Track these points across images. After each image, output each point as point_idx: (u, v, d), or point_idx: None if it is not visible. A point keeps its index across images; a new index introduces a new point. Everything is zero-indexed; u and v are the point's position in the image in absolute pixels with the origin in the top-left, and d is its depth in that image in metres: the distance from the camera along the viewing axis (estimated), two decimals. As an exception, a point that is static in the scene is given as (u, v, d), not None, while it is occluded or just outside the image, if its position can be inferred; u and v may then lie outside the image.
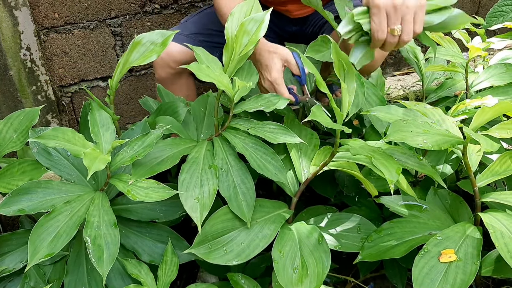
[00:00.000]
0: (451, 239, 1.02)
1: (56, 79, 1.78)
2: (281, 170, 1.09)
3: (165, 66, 1.46)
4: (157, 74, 1.50)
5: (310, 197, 1.46)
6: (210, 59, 1.08)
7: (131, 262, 1.07)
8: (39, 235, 0.92)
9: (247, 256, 1.03)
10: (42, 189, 1.00)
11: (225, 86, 1.04)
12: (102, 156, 0.93)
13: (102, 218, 0.96)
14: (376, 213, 1.34)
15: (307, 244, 1.06)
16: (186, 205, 1.01)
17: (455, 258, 0.98)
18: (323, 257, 1.03)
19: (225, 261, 1.02)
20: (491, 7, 1.33)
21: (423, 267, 0.98)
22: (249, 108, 1.11)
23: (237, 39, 1.07)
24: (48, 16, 1.67)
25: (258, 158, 1.09)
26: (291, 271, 1.01)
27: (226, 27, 1.08)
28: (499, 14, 1.30)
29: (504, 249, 0.94)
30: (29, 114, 1.13)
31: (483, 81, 1.40)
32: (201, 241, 1.04)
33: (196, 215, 1.00)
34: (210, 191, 1.03)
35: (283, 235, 1.08)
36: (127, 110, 1.96)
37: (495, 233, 0.97)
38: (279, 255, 1.03)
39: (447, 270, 0.96)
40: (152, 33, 1.08)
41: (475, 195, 1.06)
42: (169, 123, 1.14)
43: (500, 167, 1.07)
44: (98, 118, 1.05)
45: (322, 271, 1.01)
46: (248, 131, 1.09)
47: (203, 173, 1.05)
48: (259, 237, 1.06)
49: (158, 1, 1.81)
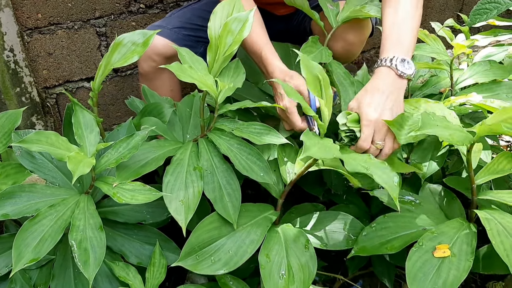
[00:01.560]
0: (446, 235, 1.02)
1: (40, 80, 1.76)
2: (266, 170, 1.08)
3: (148, 60, 1.45)
4: (140, 68, 1.49)
5: (298, 195, 1.46)
6: (194, 59, 1.07)
7: (118, 265, 1.06)
8: (24, 239, 0.91)
9: (235, 264, 1.02)
10: (26, 193, 0.99)
11: (209, 87, 1.03)
12: (86, 159, 0.92)
13: (87, 222, 0.95)
14: (364, 210, 1.34)
15: (294, 248, 1.06)
16: (171, 208, 1.00)
17: (449, 253, 0.98)
18: (309, 264, 1.03)
19: (213, 271, 1.01)
20: (475, 4, 1.33)
21: (417, 261, 0.97)
22: (233, 106, 1.10)
23: (221, 39, 1.06)
24: (31, 16, 1.65)
25: (243, 159, 1.08)
26: (278, 277, 1.01)
27: (209, 27, 1.07)
28: (483, 12, 1.31)
29: (500, 247, 0.94)
30: (12, 116, 1.11)
31: (468, 78, 1.41)
32: (188, 253, 1.02)
33: (181, 218, 0.99)
34: (195, 193, 1.02)
35: (270, 239, 1.07)
36: (113, 111, 1.95)
37: (492, 230, 0.97)
38: (266, 260, 1.03)
39: (441, 265, 0.96)
40: (133, 33, 1.07)
41: (473, 193, 1.06)
42: (154, 124, 1.14)
43: (497, 166, 1.07)
44: (82, 120, 1.03)
45: (308, 277, 1.02)
46: (233, 132, 1.09)
47: (187, 175, 1.04)
48: (246, 243, 1.05)
49: (143, 1, 1.80)
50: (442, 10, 2.48)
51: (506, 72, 1.38)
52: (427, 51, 1.37)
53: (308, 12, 1.29)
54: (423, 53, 1.39)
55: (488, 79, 1.38)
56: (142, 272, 1.07)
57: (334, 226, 1.16)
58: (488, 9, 1.30)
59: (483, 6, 1.31)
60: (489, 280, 1.32)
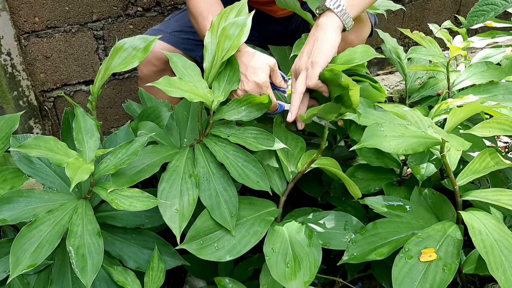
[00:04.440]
0: (432, 238, 1.02)
1: (38, 84, 1.75)
2: (262, 177, 1.07)
3: (147, 64, 1.45)
4: (140, 72, 1.49)
5: (297, 198, 1.46)
6: (187, 66, 1.06)
7: (117, 269, 1.05)
8: (21, 245, 0.91)
9: (238, 252, 1.02)
10: (24, 198, 0.99)
11: (201, 96, 1.01)
12: (85, 165, 0.92)
13: (85, 227, 0.95)
14: (362, 213, 1.34)
15: (298, 240, 1.06)
16: (165, 216, 1.00)
17: (435, 257, 0.98)
18: (314, 252, 1.04)
19: (217, 258, 1.01)
20: (472, 6, 1.33)
21: (403, 267, 0.98)
22: (229, 115, 1.09)
23: (219, 43, 1.05)
24: (28, 20, 1.65)
25: (238, 166, 1.07)
26: (284, 265, 1.01)
27: (207, 32, 1.07)
28: (480, 14, 1.31)
29: (480, 244, 0.96)
30: (9, 120, 1.11)
31: (465, 80, 1.41)
32: (193, 237, 1.02)
33: (175, 226, 0.99)
34: (190, 201, 1.02)
35: (273, 233, 1.08)
36: (111, 114, 1.95)
37: (473, 230, 0.99)
38: (271, 251, 1.02)
39: (427, 269, 0.97)
40: (134, 38, 1.06)
41: (456, 194, 1.07)
42: (151, 129, 1.13)
43: (479, 165, 1.08)
44: (83, 125, 1.03)
45: (315, 264, 1.02)
46: (229, 138, 1.07)
47: (183, 182, 1.04)
48: (250, 233, 1.05)
49: (141, 4, 1.80)
50: (440, 11, 2.49)
51: (503, 73, 1.39)
52: (423, 54, 1.37)
53: (301, 13, 1.29)
54: (419, 56, 1.39)
55: (485, 80, 1.39)
56: (140, 277, 1.07)
57: (334, 226, 1.16)
58: (486, 11, 1.31)
59: (480, 8, 1.31)
60: (488, 281, 1.32)
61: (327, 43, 1.06)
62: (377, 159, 1.31)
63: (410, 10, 2.39)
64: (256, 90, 1.11)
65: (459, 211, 1.07)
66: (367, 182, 1.31)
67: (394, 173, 1.36)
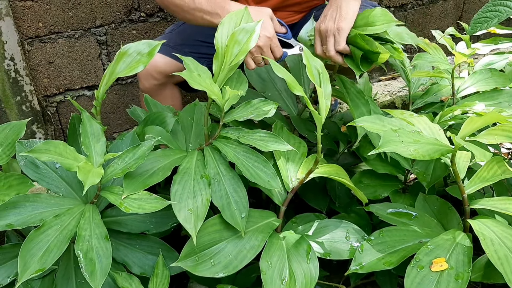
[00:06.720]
0: (441, 247, 1.01)
1: (41, 89, 1.75)
2: (273, 177, 1.08)
3: (149, 77, 1.45)
4: (141, 85, 1.49)
5: (300, 204, 1.46)
6: (199, 69, 1.07)
7: (121, 275, 1.05)
8: (29, 250, 0.90)
9: (234, 268, 1.02)
10: (30, 203, 0.98)
11: (216, 95, 1.03)
12: (95, 169, 0.91)
13: (93, 231, 0.95)
14: (366, 220, 1.34)
15: (296, 254, 1.06)
16: (180, 217, 0.99)
17: (447, 266, 0.97)
18: (311, 269, 1.03)
19: (213, 274, 1.01)
20: (474, 12, 1.34)
21: (415, 277, 0.97)
22: (239, 117, 1.10)
23: (227, 48, 1.06)
24: (32, 25, 1.65)
25: (250, 166, 1.08)
26: (279, 282, 1.00)
27: (216, 37, 1.07)
28: (484, 20, 1.31)
29: (494, 256, 0.94)
30: (16, 127, 1.10)
31: (469, 87, 1.41)
32: (188, 254, 1.02)
33: (190, 226, 0.99)
34: (203, 201, 1.02)
35: (271, 245, 1.07)
36: (114, 119, 1.95)
37: (485, 240, 0.97)
38: (267, 265, 1.02)
39: (439, 279, 0.96)
40: (138, 43, 1.07)
41: (464, 202, 1.06)
42: (158, 133, 1.13)
43: (487, 173, 1.07)
44: (89, 130, 1.03)
45: (310, 282, 1.01)
46: (239, 139, 1.08)
47: (195, 183, 1.04)
48: (246, 248, 1.04)
49: (144, 9, 1.81)
50: (442, 17, 2.50)
51: (507, 80, 1.39)
52: (429, 60, 1.38)
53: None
54: (424, 62, 1.39)
55: (489, 87, 1.39)
56: (145, 283, 1.06)
57: (337, 235, 1.15)
58: (489, 18, 1.31)
59: (484, 15, 1.32)
60: (493, 288, 1.32)
61: (349, 11, 1.18)
62: (383, 167, 1.32)
63: (413, 16, 2.40)
64: (268, 43, 1.20)
65: (467, 219, 1.06)
66: (373, 188, 1.31)
67: (398, 180, 1.36)
